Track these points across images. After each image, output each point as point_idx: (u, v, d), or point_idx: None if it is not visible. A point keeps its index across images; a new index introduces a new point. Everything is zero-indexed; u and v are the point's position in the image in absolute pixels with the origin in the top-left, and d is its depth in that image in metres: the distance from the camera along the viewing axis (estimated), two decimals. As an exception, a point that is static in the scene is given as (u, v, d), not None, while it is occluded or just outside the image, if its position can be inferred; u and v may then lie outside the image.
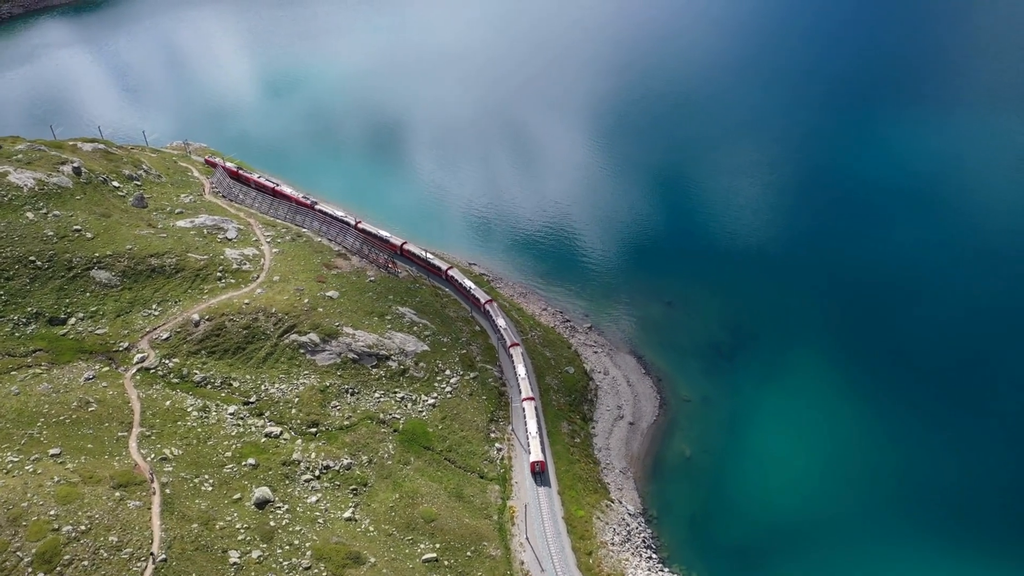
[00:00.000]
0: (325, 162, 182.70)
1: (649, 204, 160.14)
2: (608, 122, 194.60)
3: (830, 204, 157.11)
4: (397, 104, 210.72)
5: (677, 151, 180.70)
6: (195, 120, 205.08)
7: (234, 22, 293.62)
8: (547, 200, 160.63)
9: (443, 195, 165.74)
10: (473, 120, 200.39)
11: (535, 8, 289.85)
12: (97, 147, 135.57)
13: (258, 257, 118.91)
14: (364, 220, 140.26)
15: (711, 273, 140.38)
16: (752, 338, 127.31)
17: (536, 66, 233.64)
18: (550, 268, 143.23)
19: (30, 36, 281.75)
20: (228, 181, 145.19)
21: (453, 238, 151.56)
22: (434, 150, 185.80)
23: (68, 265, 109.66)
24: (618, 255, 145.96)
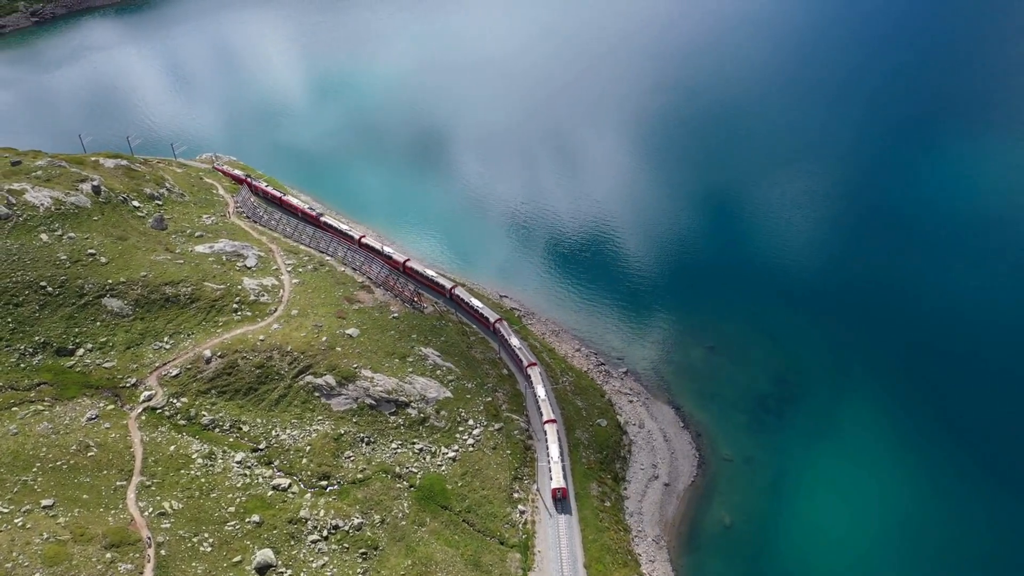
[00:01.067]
0: (356, 175, 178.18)
1: (692, 235, 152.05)
2: (651, 141, 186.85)
3: (891, 241, 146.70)
4: (434, 117, 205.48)
5: (724, 176, 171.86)
6: (227, 130, 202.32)
7: (273, 28, 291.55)
8: (584, 229, 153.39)
9: (477, 219, 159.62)
10: (510, 137, 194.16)
11: (576, 17, 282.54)
12: (120, 163, 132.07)
13: (277, 288, 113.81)
14: (367, 235, 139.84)
15: (758, 315, 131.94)
16: (801, 391, 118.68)
17: (576, 79, 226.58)
18: (585, 303, 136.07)
19: (70, 37, 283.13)
20: (252, 201, 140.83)
21: (485, 267, 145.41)
22: (470, 168, 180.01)
23: (80, 292, 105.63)
24: (658, 291, 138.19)
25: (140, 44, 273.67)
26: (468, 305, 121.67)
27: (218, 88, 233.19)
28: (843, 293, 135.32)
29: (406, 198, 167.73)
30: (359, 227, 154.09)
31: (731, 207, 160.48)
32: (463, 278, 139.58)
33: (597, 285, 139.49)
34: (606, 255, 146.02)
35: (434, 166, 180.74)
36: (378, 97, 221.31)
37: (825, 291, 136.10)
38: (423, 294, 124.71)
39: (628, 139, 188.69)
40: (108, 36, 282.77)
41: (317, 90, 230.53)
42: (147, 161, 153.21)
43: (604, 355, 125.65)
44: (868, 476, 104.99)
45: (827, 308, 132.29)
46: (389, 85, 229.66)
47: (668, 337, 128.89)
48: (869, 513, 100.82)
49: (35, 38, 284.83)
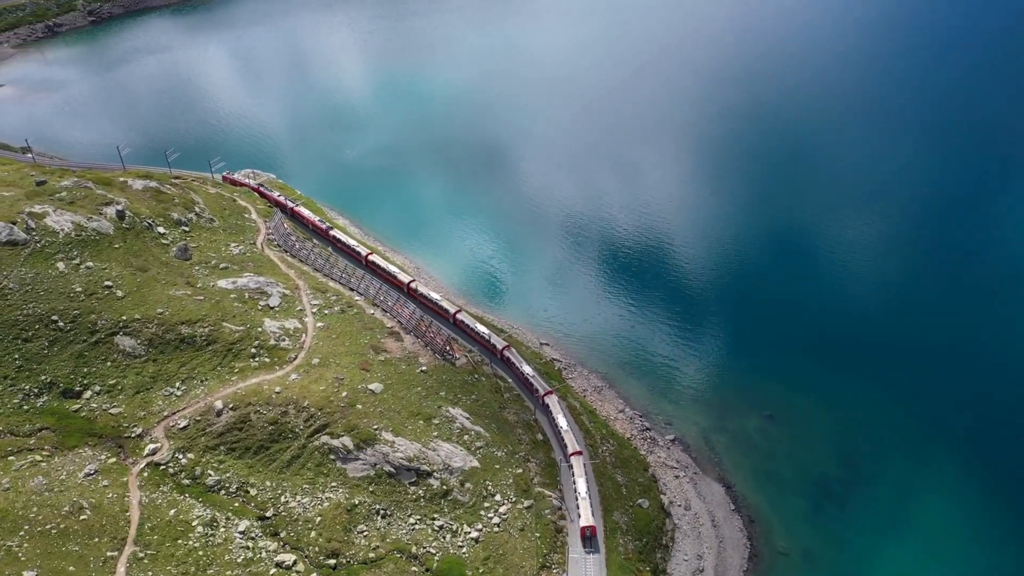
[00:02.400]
0: (399, 198, 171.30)
1: (752, 282, 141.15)
2: (711, 173, 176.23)
3: (979, 301, 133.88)
4: (487, 135, 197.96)
5: (789, 214, 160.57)
6: (270, 144, 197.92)
7: (326, 36, 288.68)
8: (633, 273, 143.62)
9: (522, 256, 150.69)
10: (563, 161, 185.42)
11: (636, 32, 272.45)
12: (149, 185, 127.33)
13: (299, 332, 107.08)
14: (375, 253, 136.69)
15: (824, 379, 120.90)
16: (871, 475, 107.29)
17: (635, 97, 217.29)
18: (631, 356, 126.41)
19: (123, 38, 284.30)
20: (286, 228, 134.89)
21: (527, 309, 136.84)
22: (520, 196, 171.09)
23: (92, 328, 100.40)
24: (713, 345, 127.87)
25: (190, 48, 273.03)
26: (472, 331, 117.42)
27: (264, 98, 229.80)
28: (923, 359, 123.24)
29: (449, 227, 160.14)
30: (396, 255, 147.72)
31: (795, 252, 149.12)
32: (503, 321, 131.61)
33: (645, 336, 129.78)
34: (656, 303, 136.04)
35: (483, 191, 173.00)
36: (430, 111, 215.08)
37: (902, 355, 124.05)
38: (458, 340, 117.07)
39: (687, 171, 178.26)
40: (160, 39, 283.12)
41: (366, 102, 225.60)
42: (180, 179, 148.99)
43: (650, 418, 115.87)
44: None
45: (904, 376, 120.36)
46: (442, 97, 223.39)
47: (722, 400, 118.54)
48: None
49: (90, 38, 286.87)
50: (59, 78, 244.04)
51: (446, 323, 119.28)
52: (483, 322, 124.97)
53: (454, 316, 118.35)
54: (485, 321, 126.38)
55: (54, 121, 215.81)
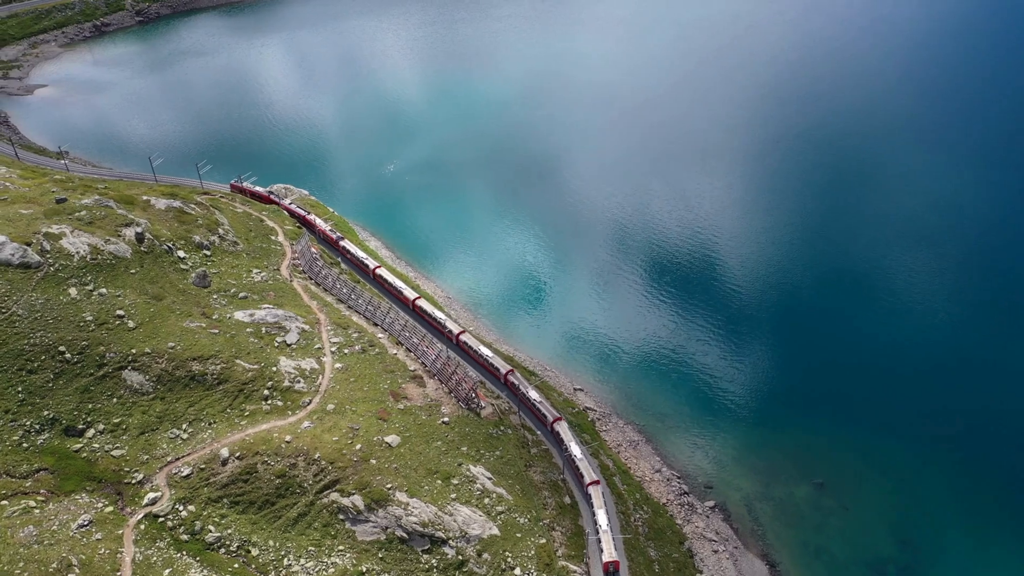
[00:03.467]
0: (434, 216, 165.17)
1: (807, 332, 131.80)
2: (767, 202, 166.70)
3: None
4: (532, 151, 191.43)
5: (853, 251, 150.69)
6: (307, 156, 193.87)
7: (372, 40, 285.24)
8: (678, 314, 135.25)
9: (562, 289, 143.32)
10: (614, 182, 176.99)
11: (698, 45, 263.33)
12: (172, 204, 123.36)
13: (316, 373, 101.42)
14: (382, 266, 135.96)
15: (882, 446, 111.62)
16: (932, 559, 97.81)
17: (692, 117, 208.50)
18: (673, 408, 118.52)
19: (169, 39, 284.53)
20: (313, 253, 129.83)
21: (563, 348, 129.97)
22: (563, 219, 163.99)
23: (100, 361, 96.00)
24: (760, 401, 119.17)
25: (233, 52, 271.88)
26: (476, 353, 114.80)
27: (302, 107, 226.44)
28: (998, 429, 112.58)
29: (485, 254, 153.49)
30: (427, 283, 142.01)
31: (857, 295, 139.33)
32: (535, 361, 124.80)
33: (687, 386, 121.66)
34: (700, 350, 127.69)
35: (523, 215, 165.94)
36: (474, 123, 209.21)
37: (975, 423, 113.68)
38: (486, 383, 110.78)
39: (739, 199, 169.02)
40: (205, 41, 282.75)
41: (409, 113, 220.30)
42: (209, 195, 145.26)
43: (689, 479, 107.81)
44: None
45: (977, 448, 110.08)
46: (487, 109, 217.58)
47: (768, 463, 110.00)
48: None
49: (136, 38, 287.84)
50: (102, 80, 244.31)
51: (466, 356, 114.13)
52: (513, 362, 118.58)
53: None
54: (516, 362, 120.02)
55: (93, 124, 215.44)
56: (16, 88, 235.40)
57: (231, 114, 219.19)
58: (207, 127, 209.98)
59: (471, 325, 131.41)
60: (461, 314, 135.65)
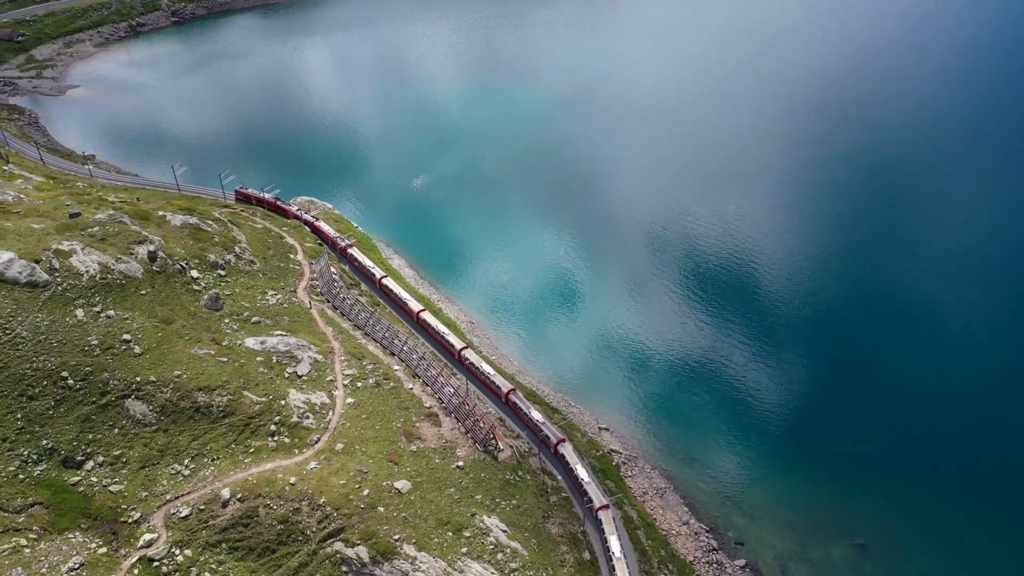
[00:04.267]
0: (463, 234, 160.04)
1: (852, 378, 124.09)
2: (817, 228, 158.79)
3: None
4: (569, 166, 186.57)
5: (904, 287, 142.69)
6: (335, 167, 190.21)
7: (407, 46, 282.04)
8: (714, 354, 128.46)
9: (591, 319, 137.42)
10: (656, 198, 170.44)
11: (748, 56, 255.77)
12: (188, 220, 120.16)
13: (326, 408, 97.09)
14: (387, 277, 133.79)
15: (929, 506, 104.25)
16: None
17: (738, 131, 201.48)
18: (704, 453, 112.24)
19: (202, 40, 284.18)
20: (332, 274, 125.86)
21: (590, 382, 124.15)
22: (598, 241, 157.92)
23: (103, 389, 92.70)
24: (799, 451, 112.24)
25: (265, 55, 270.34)
26: (478, 372, 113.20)
27: (331, 115, 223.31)
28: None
29: (513, 276, 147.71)
30: (451, 305, 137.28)
31: (902, 333, 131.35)
32: (558, 396, 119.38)
33: (720, 429, 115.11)
34: (735, 392, 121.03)
35: (555, 235, 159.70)
36: (508, 134, 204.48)
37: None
38: (505, 419, 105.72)
39: (781, 226, 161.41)
40: (238, 44, 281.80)
41: (441, 123, 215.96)
42: (229, 208, 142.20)
43: (718, 533, 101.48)
44: None
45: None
46: (523, 119, 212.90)
47: (806, 520, 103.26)
48: None
49: (171, 39, 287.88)
50: (133, 82, 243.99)
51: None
52: (535, 398, 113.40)
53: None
54: (538, 398, 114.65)
55: (121, 128, 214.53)
56: (48, 88, 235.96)
57: (259, 121, 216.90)
58: (234, 134, 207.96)
59: (494, 354, 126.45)
60: (484, 341, 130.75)
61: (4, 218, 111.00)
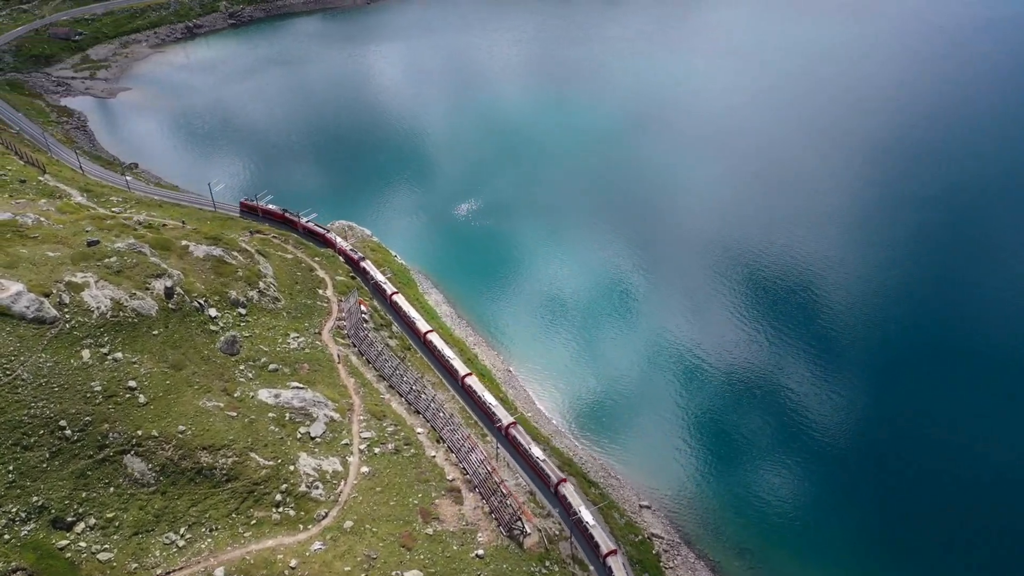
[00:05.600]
0: (512, 269, 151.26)
1: (943, 464, 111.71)
2: (896, 292, 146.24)
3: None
4: (638, 198, 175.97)
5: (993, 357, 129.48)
6: (376, 188, 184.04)
7: (467, 53, 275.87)
8: (780, 423, 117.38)
9: (643, 375, 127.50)
10: (728, 250, 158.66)
11: (832, 79, 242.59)
12: (212, 252, 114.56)
13: (339, 477, 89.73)
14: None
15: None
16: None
17: (817, 169, 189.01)
18: (758, 543, 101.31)
19: (258, 44, 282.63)
20: (362, 314, 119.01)
21: (634, 449, 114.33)
22: (664, 281, 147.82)
23: (101, 442, 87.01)
24: (873, 557, 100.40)
25: (319, 63, 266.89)
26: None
27: (380, 129, 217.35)
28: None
29: (560, 319, 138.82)
30: (489, 351, 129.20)
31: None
32: (599, 461, 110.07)
33: (778, 514, 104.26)
34: (798, 466, 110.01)
35: (612, 276, 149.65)
36: (569, 159, 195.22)
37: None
38: (536, 493, 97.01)
39: (860, 282, 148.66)
40: (293, 49, 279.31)
41: (496, 142, 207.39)
42: (261, 233, 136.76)
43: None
44: None
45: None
46: (585, 143, 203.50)
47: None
48: None
49: (227, 42, 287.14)
50: (184, 86, 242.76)
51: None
52: (573, 467, 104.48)
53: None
54: (574, 467, 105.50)
55: (167, 135, 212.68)
56: (100, 90, 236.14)
57: (304, 134, 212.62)
58: (277, 147, 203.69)
59: (530, 410, 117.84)
60: (521, 393, 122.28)
61: (21, 243, 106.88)
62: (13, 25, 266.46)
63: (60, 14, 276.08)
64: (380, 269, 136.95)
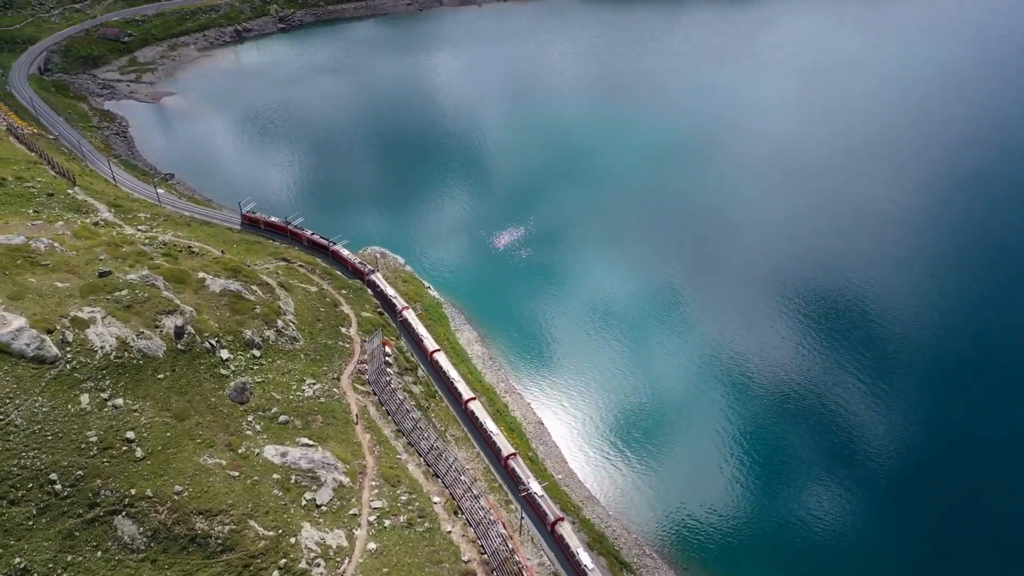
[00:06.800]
0: (559, 309, 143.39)
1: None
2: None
3: None
4: (704, 229, 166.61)
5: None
6: (412, 212, 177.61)
7: (521, 64, 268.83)
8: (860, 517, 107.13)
9: (690, 439, 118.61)
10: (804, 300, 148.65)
11: (928, 108, 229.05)
12: (230, 287, 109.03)
13: (343, 553, 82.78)
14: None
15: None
16: None
17: (899, 211, 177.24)
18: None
19: (305, 50, 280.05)
20: (386, 358, 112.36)
21: (678, 535, 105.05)
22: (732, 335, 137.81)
23: (92, 500, 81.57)
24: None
25: (367, 72, 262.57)
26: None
27: (420, 148, 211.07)
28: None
29: (611, 375, 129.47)
30: (519, 398, 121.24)
31: None
32: (630, 539, 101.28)
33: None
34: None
35: (675, 319, 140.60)
36: (626, 184, 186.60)
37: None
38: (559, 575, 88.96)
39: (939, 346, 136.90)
40: (342, 56, 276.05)
41: (549, 166, 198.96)
42: (285, 262, 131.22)
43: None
44: None
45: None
46: (645, 165, 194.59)
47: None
48: None
49: (274, 47, 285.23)
50: (227, 93, 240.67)
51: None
52: (602, 543, 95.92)
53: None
54: (605, 543, 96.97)
55: (206, 144, 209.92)
56: (144, 94, 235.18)
57: (342, 149, 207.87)
58: (315, 163, 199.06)
59: (560, 471, 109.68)
60: (552, 451, 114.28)
61: (31, 271, 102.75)
62: (65, 24, 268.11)
63: (112, 14, 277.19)
64: (412, 304, 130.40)
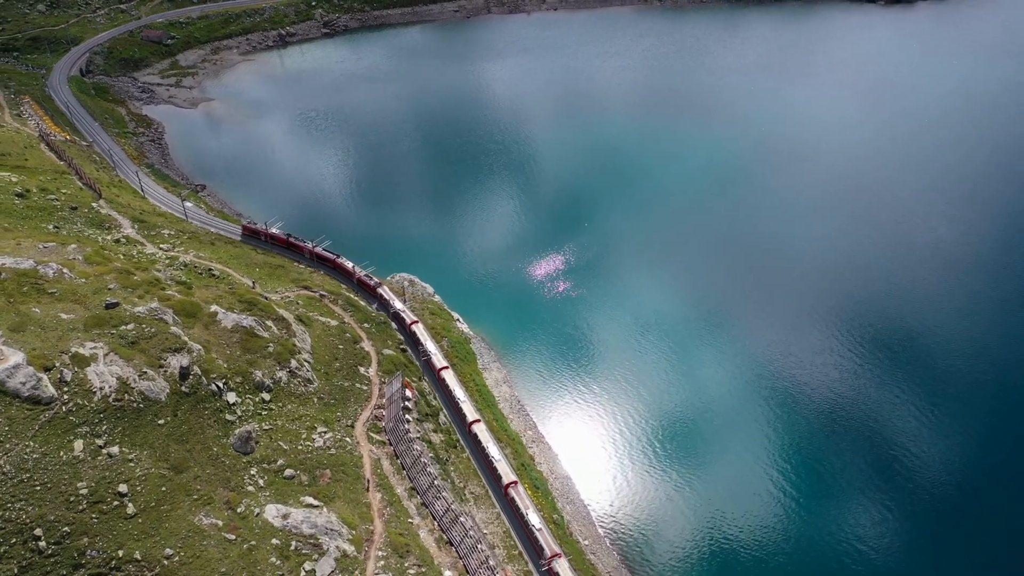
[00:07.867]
0: (597, 351, 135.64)
1: None
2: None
3: None
4: (759, 259, 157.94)
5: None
6: (445, 239, 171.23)
7: (573, 76, 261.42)
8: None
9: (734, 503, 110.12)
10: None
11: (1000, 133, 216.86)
12: (242, 322, 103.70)
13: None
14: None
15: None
16: None
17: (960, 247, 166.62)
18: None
19: (347, 56, 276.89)
20: (401, 404, 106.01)
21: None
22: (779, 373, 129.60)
23: (77, 560, 76.40)
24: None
25: (408, 82, 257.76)
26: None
27: (468, 163, 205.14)
28: None
29: (649, 430, 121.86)
30: (547, 453, 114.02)
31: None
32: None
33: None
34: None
35: (718, 365, 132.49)
36: (674, 205, 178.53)
37: None
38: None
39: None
40: (383, 65, 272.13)
41: (595, 185, 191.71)
42: (307, 292, 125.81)
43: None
44: None
45: None
46: (696, 185, 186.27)
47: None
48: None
49: (316, 53, 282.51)
50: (269, 99, 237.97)
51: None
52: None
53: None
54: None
55: (243, 153, 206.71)
56: (183, 100, 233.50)
57: (378, 164, 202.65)
58: (348, 178, 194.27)
59: (587, 536, 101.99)
60: (580, 511, 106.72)
61: (36, 299, 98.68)
62: (110, 25, 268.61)
63: (156, 16, 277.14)
64: (438, 340, 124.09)
